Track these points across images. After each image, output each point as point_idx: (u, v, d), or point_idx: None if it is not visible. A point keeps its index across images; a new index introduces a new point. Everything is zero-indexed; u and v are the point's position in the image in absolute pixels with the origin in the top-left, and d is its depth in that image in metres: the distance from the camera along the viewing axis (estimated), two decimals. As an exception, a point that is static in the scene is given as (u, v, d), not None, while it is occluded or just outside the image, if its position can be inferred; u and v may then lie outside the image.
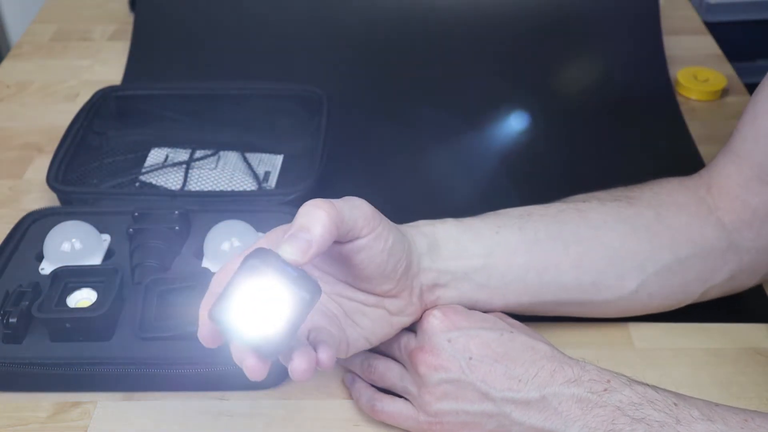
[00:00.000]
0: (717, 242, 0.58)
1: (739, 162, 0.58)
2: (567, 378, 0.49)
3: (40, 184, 0.73)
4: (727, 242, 0.58)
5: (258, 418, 0.55)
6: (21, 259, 0.64)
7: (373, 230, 0.48)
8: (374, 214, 0.48)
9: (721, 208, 0.59)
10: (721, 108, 0.88)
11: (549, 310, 0.58)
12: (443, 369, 0.51)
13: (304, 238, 0.44)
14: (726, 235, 0.58)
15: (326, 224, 0.44)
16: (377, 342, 0.53)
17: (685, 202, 0.59)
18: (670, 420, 0.46)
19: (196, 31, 0.96)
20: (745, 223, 0.58)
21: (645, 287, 0.58)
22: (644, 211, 0.59)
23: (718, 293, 0.60)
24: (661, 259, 0.57)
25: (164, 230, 0.65)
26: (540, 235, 0.56)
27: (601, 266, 0.57)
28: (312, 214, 0.45)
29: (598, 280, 0.57)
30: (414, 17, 0.96)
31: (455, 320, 0.52)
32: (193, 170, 0.76)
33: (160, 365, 0.55)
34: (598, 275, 0.57)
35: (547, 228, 0.57)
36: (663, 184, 0.62)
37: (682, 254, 0.58)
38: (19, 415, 0.56)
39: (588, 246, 0.57)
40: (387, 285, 0.50)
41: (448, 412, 0.51)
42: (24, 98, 0.91)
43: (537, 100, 0.88)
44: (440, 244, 0.54)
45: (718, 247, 0.58)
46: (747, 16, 1.22)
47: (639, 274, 0.57)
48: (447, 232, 0.54)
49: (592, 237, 0.57)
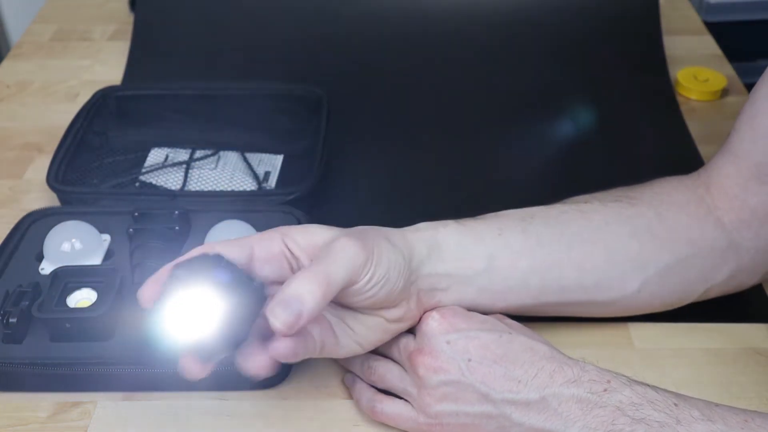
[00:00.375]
0: (717, 242, 0.58)
1: (737, 162, 0.58)
2: (567, 378, 0.49)
3: (40, 184, 0.73)
4: (726, 242, 0.58)
5: (258, 418, 0.55)
6: (21, 259, 0.64)
7: (366, 274, 0.48)
8: (366, 259, 0.48)
9: (720, 207, 0.59)
10: (721, 108, 0.88)
11: (550, 311, 0.58)
12: (442, 371, 0.51)
13: (295, 310, 0.44)
14: (725, 235, 0.58)
15: (320, 300, 0.45)
16: (370, 347, 0.53)
17: (685, 201, 0.59)
18: (671, 420, 0.46)
19: (196, 31, 0.96)
20: (744, 223, 0.58)
21: (647, 287, 0.58)
22: (645, 211, 0.59)
23: (719, 292, 0.60)
24: (662, 259, 0.57)
25: (164, 230, 0.64)
26: (543, 238, 0.56)
27: (603, 267, 0.57)
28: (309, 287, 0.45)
29: (600, 281, 0.57)
30: (414, 17, 0.96)
31: (454, 322, 0.52)
32: (193, 170, 0.76)
33: (160, 365, 0.55)
34: (600, 276, 0.57)
35: (549, 230, 0.57)
36: (663, 184, 0.62)
37: (682, 254, 0.58)
38: (19, 415, 0.56)
39: (590, 247, 0.57)
40: (384, 304, 0.51)
41: (448, 414, 0.51)
42: (24, 98, 0.91)
43: (536, 99, 0.88)
44: (442, 248, 0.53)
45: (718, 246, 0.58)
46: (747, 16, 1.22)
47: (640, 275, 0.57)
48: (449, 235, 0.54)
49: (594, 239, 0.57)
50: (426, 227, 0.55)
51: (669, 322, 0.62)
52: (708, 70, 0.92)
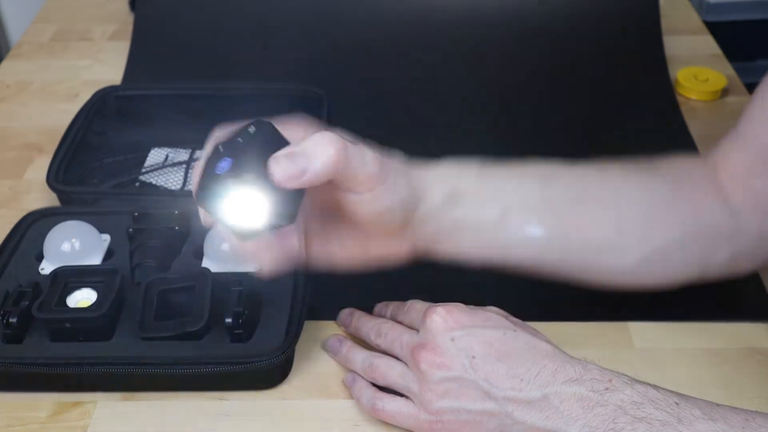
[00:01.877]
0: (722, 222, 0.58)
1: (744, 146, 0.58)
2: (569, 377, 0.49)
3: (40, 184, 0.73)
4: (731, 223, 0.58)
5: (258, 418, 0.55)
6: (21, 259, 0.64)
7: (370, 190, 0.48)
8: (379, 175, 0.48)
9: (727, 189, 0.59)
10: (721, 108, 0.88)
11: (546, 272, 0.58)
12: (446, 367, 0.51)
13: (300, 165, 0.44)
14: (731, 217, 0.58)
15: (328, 165, 0.44)
16: (339, 265, 0.53)
17: (699, 179, 0.59)
18: (672, 419, 0.46)
19: (196, 31, 0.96)
20: (749, 207, 0.58)
21: (646, 261, 0.57)
22: (662, 185, 0.59)
23: (715, 275, 0.60)
24: (668, 234, 0.57)
25: (164, 230, 0.64)
26: (560, 198, 0.56)
27: (610, 235, 0.57)
28: (322, 147, 0.44)
29: (603, 248, 0.57)
30: (414, 17, 0.96)
31: (459, 318, 0.52)
32: (193, 170, 0.76)
33: (160, 365, 0.55)
34: (604, 243, 0.57)
35: (567, 191, 0.57)
36: (682, 160, 0.62)
37: (688, 231, 0.58)
38: (19, 415, 0.56)
39: (602, 213, 0.57)
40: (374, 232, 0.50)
41: (450, 411, 0.51)
42: (24, 98, 0.91)
43: (536, 99, 0.88)
44: (459, 197, 0.53)
45: (724, 227, 0.58)
46: (747, 16, 1.22)
47: (644, 247, 0.57)
48: (469, 184, 0.54)
49: (608, 205, 0.57)
50: (448, 171, 0.54)
51: (669, 322, 0.62)
52: (708, 70, 0.92)
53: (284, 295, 0.60)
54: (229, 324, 0.56)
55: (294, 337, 0.56)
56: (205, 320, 0.56)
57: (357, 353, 0.57)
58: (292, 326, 0.57)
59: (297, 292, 0.60)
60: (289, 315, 0.58)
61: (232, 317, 0.56)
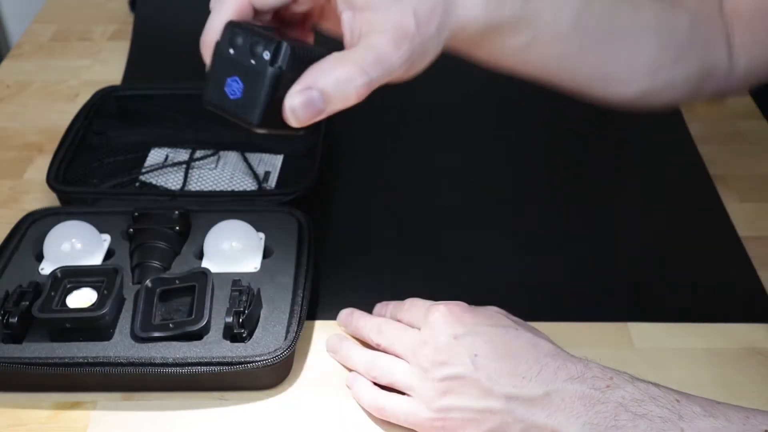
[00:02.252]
0: (724, 61, 0.60)
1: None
2: (570, 375, 0.49)
3: (40, 184, 0.73)
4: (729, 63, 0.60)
5: (258, 418, 0.55)
6: (21, 259, 0.64)
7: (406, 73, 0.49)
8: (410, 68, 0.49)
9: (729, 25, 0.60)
10: (721, 108, 0.88)
11: (543, 81, 0.58)
12: (448, 365, 0.51)
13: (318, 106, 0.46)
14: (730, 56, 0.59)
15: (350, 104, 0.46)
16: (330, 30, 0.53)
17: (713, 15, 0.60)
18: (673, 416, 0.46)
19: (196, 31, 0.95)
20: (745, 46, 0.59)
21: (645, 96, 0.59)
22: (682, 18, 0.59)
23: (706, 98, 0.62)
24: (675, 73, 0.59)
25: (164, 230, 0.64)
26: (590, 29, 0.56)
27: (621, 70, 0.58)
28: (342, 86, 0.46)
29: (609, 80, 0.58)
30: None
31: (461, 317, 0.52)
32: (193, 170, 0.76)
33: (160, 365, 0.55)
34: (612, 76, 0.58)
35: (599, 23, 0.56)
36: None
37: (691, 69, 0.59)
38: (19, 415, 0.56)
39: (619, 46, 0.57)
40: None
41: (452, 408, 0.51)
42: (24, 98, 0.91)
43: (536, 99, 0.88)
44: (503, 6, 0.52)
45: (724, 67, 0.60)
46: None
47: (648, 84, 0.59)
48: None
49: (631, 43, 0.57)
50: None
51: (669, 322, 0.62)
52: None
53: (284, 295, 0.60)
54: (229, 324, 0.56)
55: (294, 337, 0.56)
56: (205, 320, 0.56)
57: (357, 352, 0.57)
58: (292, 326, 0.57)
59: (297, 292, 0.60)
60: (289, 315, 0.58)
61: (232, 317, 0.56)
